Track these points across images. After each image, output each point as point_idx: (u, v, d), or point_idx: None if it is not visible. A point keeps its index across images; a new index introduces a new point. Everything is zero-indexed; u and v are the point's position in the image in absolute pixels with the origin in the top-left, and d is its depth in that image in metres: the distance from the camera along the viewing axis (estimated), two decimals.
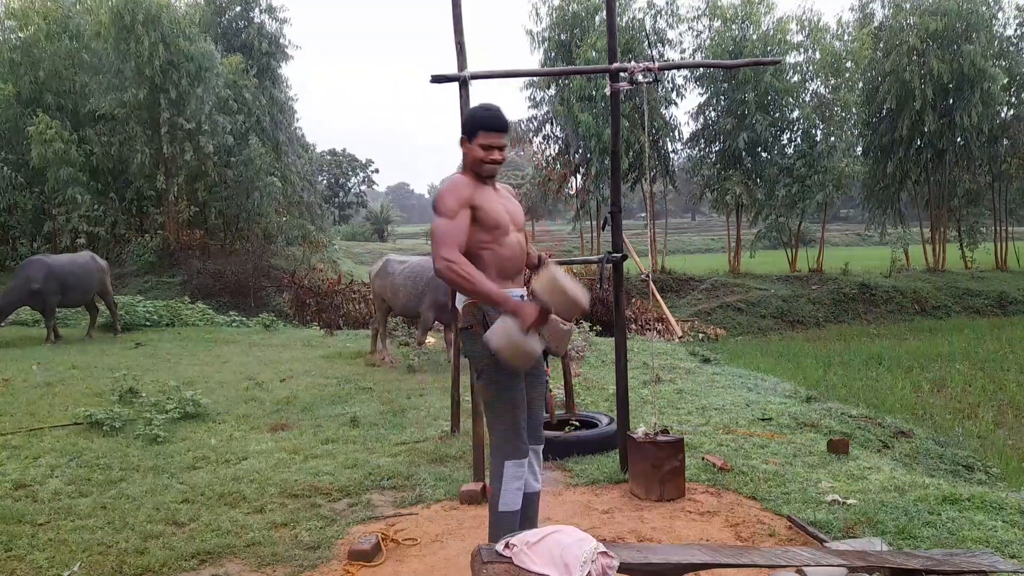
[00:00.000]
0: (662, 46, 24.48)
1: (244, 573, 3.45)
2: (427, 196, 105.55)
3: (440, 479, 4.64)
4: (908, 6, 25.41)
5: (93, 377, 8.09)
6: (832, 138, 24.74)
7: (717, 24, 24.67)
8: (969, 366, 10.98)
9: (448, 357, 8.55)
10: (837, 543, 3.30)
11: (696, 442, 5.22)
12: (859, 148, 26.93)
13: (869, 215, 29.01)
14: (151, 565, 3.49)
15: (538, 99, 25.45)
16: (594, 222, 25.17)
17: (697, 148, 26.45)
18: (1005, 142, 25.64)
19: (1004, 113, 26.11)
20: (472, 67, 4.44)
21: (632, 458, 4.38)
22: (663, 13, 24.30)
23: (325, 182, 56.59)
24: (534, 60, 25.48)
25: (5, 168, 20.13)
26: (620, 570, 2.53)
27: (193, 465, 5.04)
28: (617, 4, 5.54)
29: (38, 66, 20.33)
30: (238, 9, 24.76)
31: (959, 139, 25.23)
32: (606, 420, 5.45)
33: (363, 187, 68.00)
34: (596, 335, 10.90)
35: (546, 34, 24.32)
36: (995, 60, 24.59)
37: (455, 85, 4.40)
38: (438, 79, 4.41)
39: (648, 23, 24.18)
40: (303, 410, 6.68)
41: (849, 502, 3.91)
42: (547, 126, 25.49)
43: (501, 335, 2.81)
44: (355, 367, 9.04)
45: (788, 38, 24.12)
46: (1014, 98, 26.19)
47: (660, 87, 22.57)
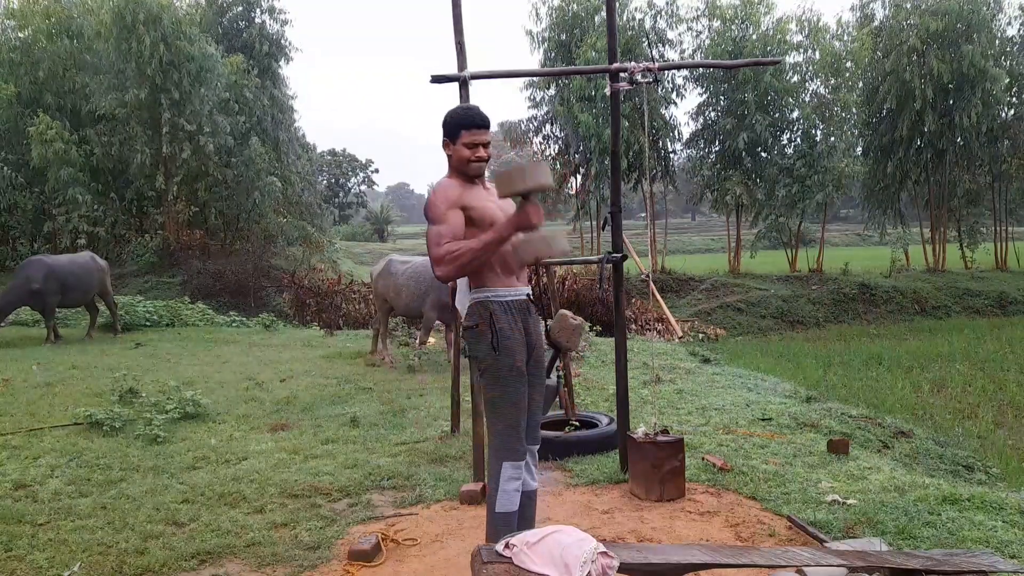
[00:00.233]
0: (662, 46, 24.46)
1: (244, 573, 3.45)
2: (427, 196, 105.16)
3: (440, 479, 4.64)
4: (908, 6, 25.36)
5: (93, 377, 8.10)
6: (832, 138, 24.71)
7: (716, 24, 24.67)
8: (969, 366, 10.97)
9: (448, 357, 8.56)
10: (837, 543, 3.30)
11: (696, 442, 5.22)
12: (859, 148, 26.90)
13: (869, 215, 28.98)
14: (151, 565, 3.49)
15: (538, 99, 25.46)
16: (594, 222, 25.16)
17: (697, 148, 26.45)
18: (1006, 142, 25.62)
19: (1005, 113, 26.10)
20: (472, 67, 4.44)
21: (632, 458, 4.38)
22: (663, 13, 24.32)
23: (325, 182, 56.60)
24: (534, 60, 25.52)
25: (5, 168, 20.10)
26: (620, 570, 2.53)
27: (193, 465, 5.04)
28: (617, 4, 5.53)
29: (38, 66, 20.31)
30: (239, 9, 24.75)
31: (959, 139, 25.20)
32: (606, 420, 5.45)
33: (363, 187, 68.03)
34: (596, 335, 10.91)
35: (546, 34, 24.32)
36: (996, 60, 24.58)
37: (455, 85, 4.40)
38: (438, 79, 4.41)
39: (648, 23, 24.20)
40: (303, 410, 6.68)
41: (849, 502, 3.91)
42: (547, 126, 25.49)
43: (530, 248, 2.79)
44: (355, 367, 9.04)
45: (788, 38, 24.09)
46: (1015, 98, 26.18)
47: (660, 87, 22.56)
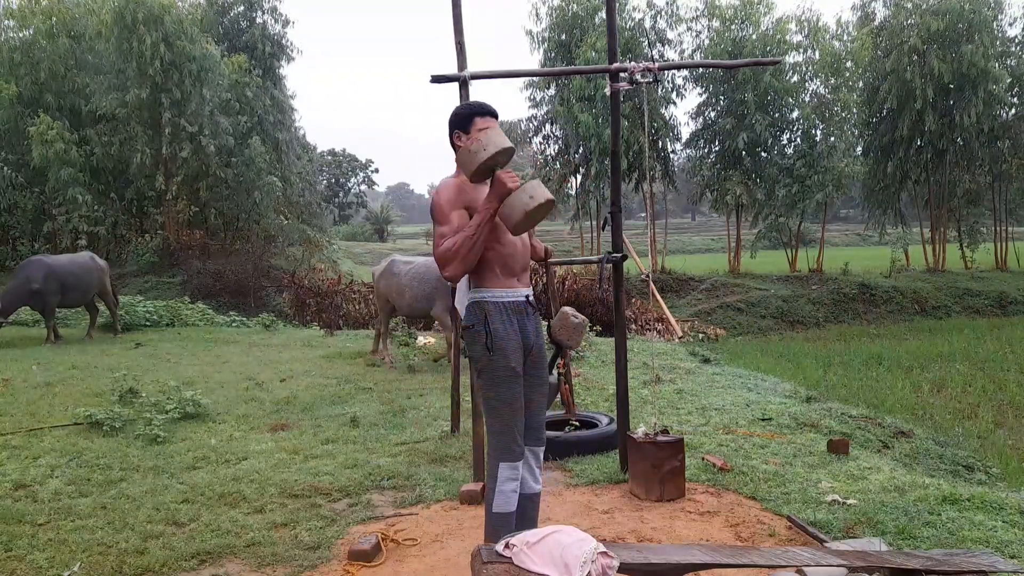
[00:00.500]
0: (662, 46, 24.48)
1: (244, 573, 3.45)
2: (427, 196, 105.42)
3: (440, 479, 4.64)
4: (909, 6, 25.36)
5: (93, 377, 8.09)
6: (832, 138, 24.72)
7: (716, 24, 24.68)
8: (969, 366, 10.97)
9: (448, 357, 8.56)
10: (837, 543, 3.30)
11: (696, 442, 5.22)
12: (859, 148, 26.90)
13: (869, 215, 29.00)
14: (151, 565, 3.49)
15: (538, 99, 25.49)
16: (594, 222, 25.17)
17: (697, 148, 26.46)
18: (1007, 142, 25.62)
19: (1006, 113, 26.09)
20: (472, 67, 4.44)
21: (632, 458, 4.38)
22: (663, 13, 24.33)
23: (325, 182, 56.64)
24: (534, 60, 25.54)
25: (5, 168, 20.08)
26: (620, 570, 2.53)
27: (193, 465, 5.04)
28: (617, 4, 5.53)
29: (39, 66, 20.28)
30: (241, 9, 24.75)
31: (959, 139, 25.20)
32: (606, 420, 5.45)
33: (363, 187, 68.09)
34: (596, 335, 10.91)
35: (546, 34, 24.33)
36: (997, 60, 24.56)
37: (455, 85, 4.40)
38: (438, 79, 4.41)
39: (648, 23, 24.21)
40: (303, 410, 6.68)
41: (849, 502, 3.91)
42: (547, 126, 25.51)
43: (513, 207, 2.84)
44: (355, 367, 9.04)
45: (787, 38, 24.11)
46: (1016, 98, 26.17)
47: (660, 87, 22.56)
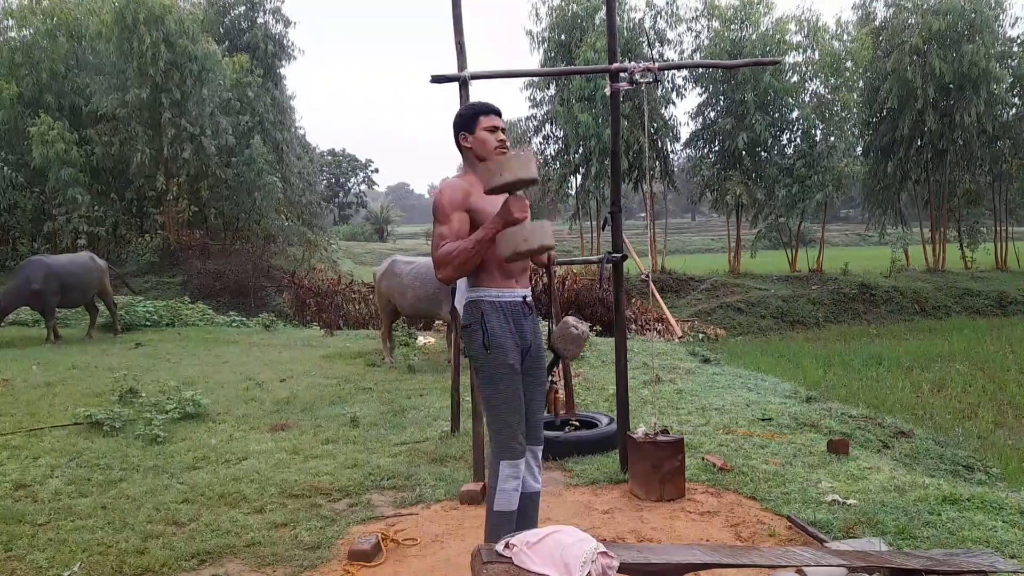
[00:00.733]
0: (661, 46, 24.49)
1: (244, 573, 3.45)
2: (427, 196, 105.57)
3: (440, 479, 4.64)
4: (910, 5, 25.36)
5: (93, 377, 8.09)
6: (832, 138, 24.73)
7: (716, 24, 24.68)
8: (969, 366, 10.97)
9: (448, 357, 8.55)
10: (837, 543, 3.29)
11: (696, 442, 5.22)
12: (859, 148, 26.91)
13: (869, 215, 29.02)
14: (151, 565, 3.49)
15: (538, 99, 25.50)
16: (594, 222, 25.17)
17: (697, 148, 26.46)
18: (1007, 142, 25.61)
19: (1007, 113, 26.08)
20: (472, 67, 4.44)
21: (632, 458, 4.38)
22: (662, 13, 24.34)
23: (325, 182, 56.66)
24: (534, 60, 25.56)
25: (5, 168, 20.08)
26: (620, 570, 2.53)
27: (193, 465, 5.04)
28: (617, 4, 5.53)
29: (40, 66, 20.29)
30: (242, 10, 24.75)
31: (960, 139, 25.21)
32: (606, 420, 5.45)
33: (363, 187, 68.11)
34: (596, 335, 10.91)
35: (546, 34, 24.35)
36: (999, 61, 24.54)
37: (455, 85, 4.40)
38: (438, 79, 4.41)
39: (647, 23, 24.21)
40: (303, 410, 6.68)
41: (849, 502, 3.91)
42: (547, 126, 25.52)
43: (506, 242, 2.83)
44: (355, 367, 9.03)
45: (787, 38, 24.13)
46: (1017, 99, 26.16)
47: (660, 87, 22.57)
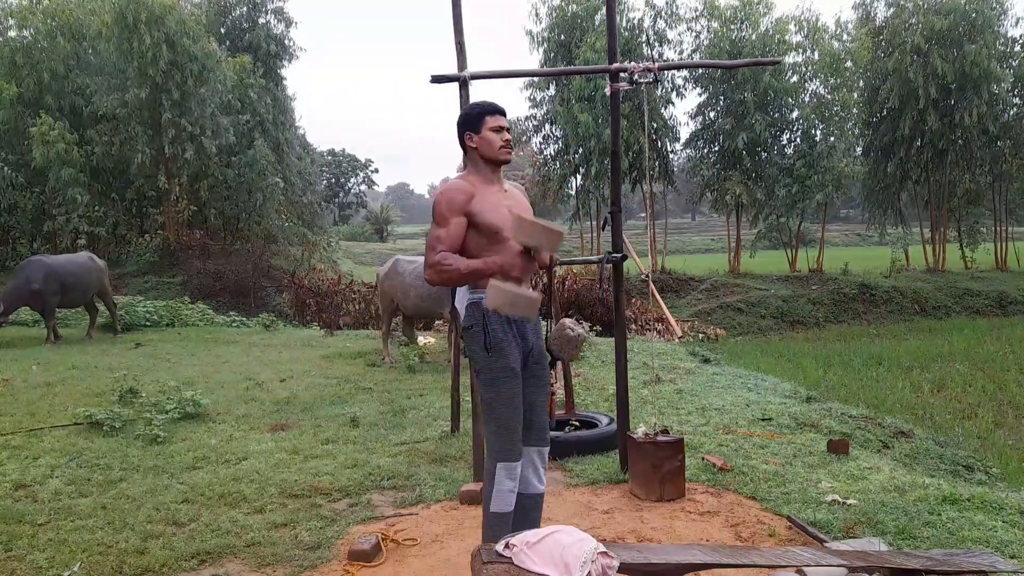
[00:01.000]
0: (661, 46, 24.48)
1: (244, 573, 3.45)
2: (427, 196, 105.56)
3: (440, 479, 4.64)
4: (911, 5, 25.35)
5: (93, 377, 8.09)
6: (832, 138, 24.72)
7: (716, 24, 24.67)
8: (969, 366, 10.97)
9: (448, 357, 8.56)
10: (837, 543, 3.29)
11: (696, 442, 5.22)
12: (859, 148, 26.90)
13: (869, 215, 29.00)
14: (151, 565, 3.49)
15: (538, 99, 25.47)
16: (594, 222, 25.16)
17: (696, 148, 26.45)
18: (1008, 142, 25.59)
19: (1007, 114, 26.07)
20: (472, 67, 4.44)
21: (632, 458, 4.38)
22: (662, 14, 24.32)
23: (325, 182, 56.64)
24: (534, 60, 25.52)
25: (5, 168, 20.08)
26: (620, 570, 2.53)
27: (193, 465, 5.04)
28: (617, 4, 5.53)
29: (40, 67, 20.28)
30: (244, 10, 24.74)
31: (960, 139, 25.20)
32: (606, 420, 5.45)
33: (363, 187, 68.06)
34: (596, 335, 10.91)
35: (546, 34, 24.32)
36: (1000, 61, 24.52)
37: (455, 85, 4.40)
38: (438, 79, 4.41)
39: (647, 23, 24.21)
40: (303, 410, 6.68)
41: (849, 502, 3.91)
42: (547, 126, 25.51)
43: (496, 295, 2.84)
44: (355, 367, 9.03)
45: (786, 38, 24.11)
46: (1018, 99, 26.15)
47: (660, 87, 22.56)
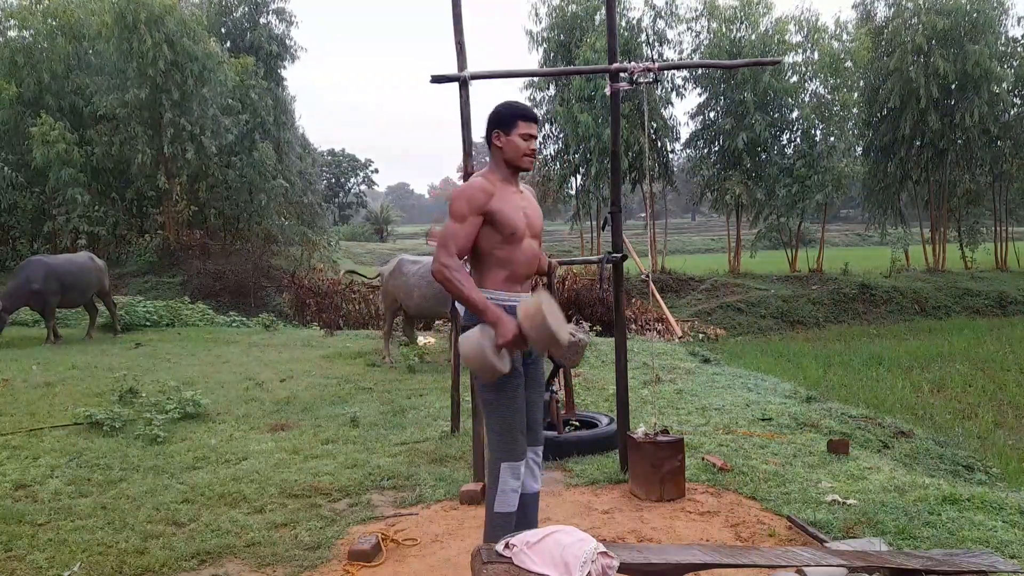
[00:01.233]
0: (661, 46, 24.49)
1: (244, 573, 3.45)
2: (427, 196, 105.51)
3: (440, 479, 4.64)
4: (912, 5, 25.35)
5: (93, 377, 8.09)
6: (832, 138, 24.72)
7: (715, 24, 24.67)
8: (969, 366, 10.97)
9: (448, 357, 8.56)
10: (837, 543, 3.30)
11: (696, 442, 5.22)
12: (859, 148, 26.90)
13: (869, 215, 29.00)
14: (151, 565, 3.49)
15: (538, 99, 25.48)
16: (594, 222, 25.17)
17: (696, 148, 26.46)
18: (1008, 142, 25.58)
19: (1008, 113, 26.06)
20: (472, 67, 4.44)
21: (632, 458, 4.38)
22: (662, 14, 24.33)
23: (325, 182, 56.65)
24: (534, 60, 25.54)
25: (6, 168, 20.05)
26: (620, 570, 2.53)
27: (193, 465, 5.04)
28: (617, 4, 5.53)
29: (40, 67, 20.24)
30: (245, 10, 24.72)
31: (960, 139, 25.18)
32: (606, 420, 5.45)
33: (363, 187, 68.08)
34: (596, 335, 10.90)
35: (546, 34, 24.34)
36: (1002, 61, 24.50)
37: (455, 85, 4.40)
38: (438, 79, 4.40)
39: (647, 23, 24.21)
40: (303, 410, 6.68)
41: (849, 502, 3.91)
42: (547, 126, 25.51)
43: (472, 344, 2.80)
44: (355, 367, 9.04)
45: (786, 38, 24.11)
46: (1018, 99, 26.14)
47: (660, 87, 22.56)
